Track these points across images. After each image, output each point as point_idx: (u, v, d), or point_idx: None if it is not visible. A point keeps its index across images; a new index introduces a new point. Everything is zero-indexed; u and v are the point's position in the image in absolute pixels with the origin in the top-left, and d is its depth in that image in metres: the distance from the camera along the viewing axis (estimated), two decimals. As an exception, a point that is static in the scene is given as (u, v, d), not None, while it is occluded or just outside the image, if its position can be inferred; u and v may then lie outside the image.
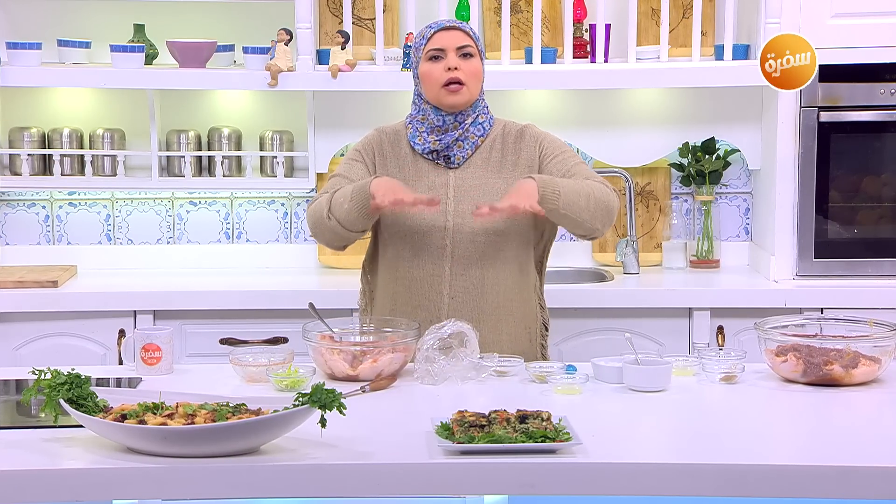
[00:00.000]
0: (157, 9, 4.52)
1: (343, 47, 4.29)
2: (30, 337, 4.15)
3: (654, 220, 4.67)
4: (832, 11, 4.17)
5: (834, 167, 4.26)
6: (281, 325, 4.15)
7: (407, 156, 3.35)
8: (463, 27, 3.31)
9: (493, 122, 3.38)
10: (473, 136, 3.32)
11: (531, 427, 2.50)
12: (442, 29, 3.30)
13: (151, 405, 2.55)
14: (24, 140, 4.49)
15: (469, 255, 3.27)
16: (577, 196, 3.17)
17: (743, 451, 2.53)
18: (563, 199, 3.14)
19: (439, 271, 3.28)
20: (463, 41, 3.28)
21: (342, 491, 2.43)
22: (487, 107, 3.37)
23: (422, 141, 3.33)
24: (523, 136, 3.36)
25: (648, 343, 4.11)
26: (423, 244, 3.28)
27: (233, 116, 4.62)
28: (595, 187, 3.22)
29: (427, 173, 3.33)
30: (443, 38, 3.28)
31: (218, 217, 4.70)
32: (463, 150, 3.32)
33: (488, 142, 3.34)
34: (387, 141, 3.38)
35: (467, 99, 3.28)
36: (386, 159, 3.36)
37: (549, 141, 3.37)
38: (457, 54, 3.27)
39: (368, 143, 3.40)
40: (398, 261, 3.33)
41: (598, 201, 3.20)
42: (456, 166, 3.32)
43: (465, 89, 3.27)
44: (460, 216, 3.28)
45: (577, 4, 4.43)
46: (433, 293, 3.28)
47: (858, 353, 2.99)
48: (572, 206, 3.16)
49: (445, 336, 3.02)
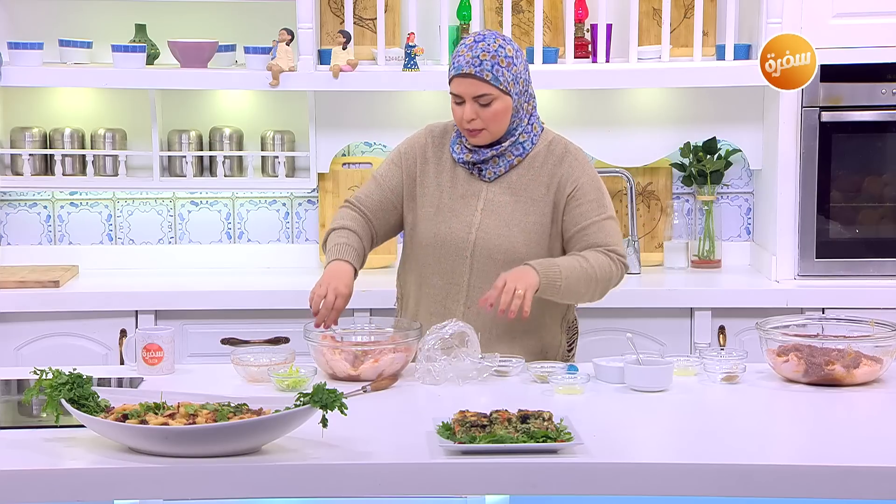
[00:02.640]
0: (159, 9, 4.52)
1: (344, 47, 4.29)
2: (31, 337, 4.15)
3: (655, 220, 4.67)
4: (834, 11, 4.17)
5: (835, 167, 4.26)
6: (282, 325, 4.15)
7: (448, 160, 3.32)
8: (479, 74, 3.16)
9: (538, 139, 3.30)
10: (511, 156, 3.27)
11: (532, 427, 2.50)
12: (458, 76, 3.19)
13: (153, 405, 2.55)
14: (25, 140, 4.49)
15: (487, 269, 3.25)
16: (578, 284, 3.14)
17: (744, 451, 2.53)
18: (563, 291, 3.13)
19: (458, 281, 3.28)
20: (479, 91, 3.16)
21: (343, 491, 2.43)
22: (534, 124, 3.29)
23: (460, 150, 3.29)
24: (562, 163, 3.28)
25: (650, 343, 4.11)
26: (446, 254, 3.28)
27: (234, 116, 4.62)
28: (599, 267, 3.17)
29: (462, 182, 3.30)
30: (460, 85, 3.19)
31: (219, 217, 4.70)
32: (497, 167, 3.27)
33: (527, 161, 3.29)
34: (432, 144, 3.35)
35: (489, 139, 3.23)
36: (427, 164, 3.33)
37: (585, 181, 3.27)
38: (475, 103, 3.19)
39: (412, 148, 3.36)
40: (423, 268, 3.32)
41: (599, 283, 3.18)
42: (489, 181, 3.30)
43: (486, 132, 3.21)
44: (484, 231, 3.26)
45: (578, 4, 4.43)
46: (450, 302, 3.28)
47: (860, 353, 2.99)
48: (570, 294, 3.16)
49: (447, 336, 3.02)
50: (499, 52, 3.18)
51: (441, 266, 3.29)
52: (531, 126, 3.29)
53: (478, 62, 3.17)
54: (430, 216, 3.29)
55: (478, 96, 3.18)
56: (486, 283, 3.22)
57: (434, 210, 3.30)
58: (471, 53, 3.18)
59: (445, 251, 3.28)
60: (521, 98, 3.24)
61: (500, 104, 3.19)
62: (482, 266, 3.26)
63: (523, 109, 3.26)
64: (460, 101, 3.20)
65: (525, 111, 3.27)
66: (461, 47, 3.21)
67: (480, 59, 3.17)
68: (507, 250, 3.25)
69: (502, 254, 3.25)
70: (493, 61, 3.17)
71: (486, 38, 3.20)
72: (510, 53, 3.20)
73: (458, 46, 3.23)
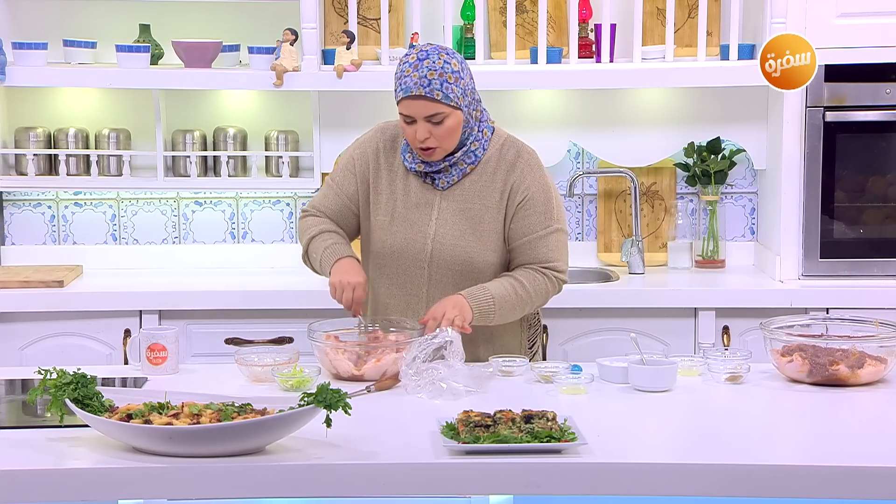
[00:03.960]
0: (163, 9, 4.52)
1: (348, 47, 4.29)
2: (35, 337, 4.15)
3: (659, 220, 4.67)
4: (838, 11, 4.17)
5: (839, 167, 4.25)
6: (286, 324, 4.15)
7: (400, 168, 3.30)
8: (429, 94, 3.09)
9: (489, 144, 3.26)
10: (463, 164, 3.24)
11: (536, 427, 2.50)
12: (408, 97, 3.12)
13: (157, 405, 2.55)
14: (29, 140, 4.50)
15: (445, 279, 3.24)
16: (512, 311, 3.18)
17: (748, 451, 2.53)
18: (497, 319, 3.17)
19: (417, 292, 3.26)
20: (430, 111, 3.11)
21: (347, 491, 2.44)
22: (484, 129, 3.25)
23: (411, 159, 3.26)
24: (514, 168, 3.25)
25: (654, 343, 4.11)
26: (403, 265, 3.26)
27: (238, 116, 4.62)
28: (535, 291, 3.19)
29: (415, 190, 3.27)
30: (410, 106, 3.12)
31: (223, 217, 4.70)
32: (450, 176, 3.25)
33: (479, 167, 3.26)
34: (383, 150, 3.32)
35: (442, 155, 3.21)
36: (380, 171, 3.30)
37: (535, 190, 3.23)
38: (427, 122, 3.14)
39: (365, 154, 3.32)
40: (381, 279, 3.31)
41: (533, 303, 3.23)
42: (442, 189, 3.27)
43: (440, 150, 3.19)
44: (440, 241, 3.24)
45: (582, 4, 4.43)
46: (411, 313, 3.25)
47: (864, 353, 2.99)
48: (501, 320, 3.19)
49: (431, 349, 2.97)
50: (445, 68, 3.12)
51: (399, 277, 3.27)
52: (481, 133, 3.25)
53: (426, 82, 3.10)
54: (385, 225, 3.27)
55: (429, 116, 3.13)
56: (444, 292, 3.22)
57: (388, 219, 3.27)
58: (417, 74, 3.11)
59: (402, 262, 3.27)
60: (471, 108, 3.20)
61: (451, 120, 3.15)
62: (440, 276, 3.25)
63: (472, 118, 3.22)
64: (411, 120, 3.16)
65: (474, 119, 3.23)
66: (405, 66, 3.14)
67: (428, 78, 3.10)
68: (464, 260, 3.23)
69: (459, 263, 3.23)
70: (441, 79, 3.11)
71: (429, 54, 3.13)
72: (456, 68, 3.14)
73: (401, 65, 3.16)
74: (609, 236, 4.67)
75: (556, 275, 3.22)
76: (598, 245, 4.68)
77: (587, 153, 4.66)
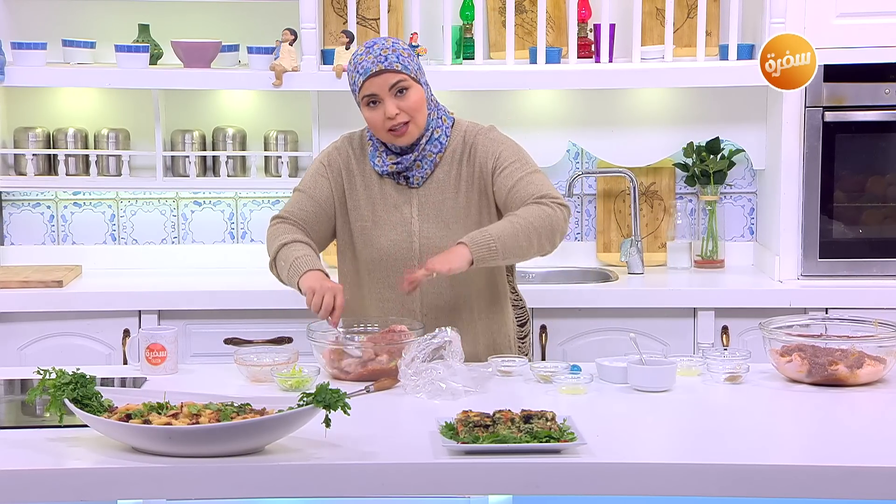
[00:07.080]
0: (162, 9, 4.52)
1: (347, 47, 4.29)
2: (35, 337, 4.15)
3: (658, 220, 4.67)
4: (837, 11, 4.17)
5: (839, 167, 4.26)
6: (285, 324, 4.15)
7: (372, 174, 3.30)
8: (389, 66, 3.15)
9: (451, 132, 3.28)
10: (431, 154, 3.25)
11: (535, 427, 2.50)
12: (370, 76, 3.15)
13: (156, 405, 2.55)
14: (28, 140, 4.50)
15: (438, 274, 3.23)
16: (517, 239, 3.10)
17: (748, 451, 2.53)
18: (502, 252, 3.09)
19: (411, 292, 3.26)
20: (394, 79, 3.15)
21: (347, 491, 2.44)
22: (442, 116, 3.27)
23: (381, 163, 3.26)
24: (477, 147, 3.27)
25: (653, 343, 4.11)
26: (393, 267, 3.26)
27: (237, 116, 4.62)
28: (534, 217, 3.13)
29: (391, 192, 3.28)
30: (373, 84, 3.15)
31: (222, 217, 4.70)
32: (422, 170, 3.25)
33: (448, 155, 3.27)
34: (354, 156, 3.32)
35: (416, 133, 3.20)
36: (354, 177, 3.30)
37: (503, 150, 3.25)
38: (392, 94, 3.16)
39: (336, 160, 3.33)
40: (370, 285, 3.30)
41: (540, 231, 3.13)
42: (417, 186, 3.28)
43: (412, 125, 3.19)
44: (425, 237, 3.25)
45: (581, 4, 4.43)
46: (408, 313, 3.25)
47: (863, 353, 2.99)
48: (513, 252, 3.11)
49: (430, 350, 2.97)
50: (396, 46, 3.20)
51: (391, 280, 3.26)
52: (440, 120, 3.27)
53: (382, 58, 3.16)
54: (368, 230, 3.27)
55: (394, 85, 3.15)
56: (438, 286, 3.22)
57: (371, 224, 3.27)
58: (372, 55, 3.17)
59: (393, 264, 3.26)
60: (427, 89, 3.24)
61: (415, 93, 3.18)
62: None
63: (431, 101, 3.26)
64: (376, 102, 3.17)
65: (433, 102, 3.27)
66: (356, 56, 3.19)
67: (384, 55, 3.16)
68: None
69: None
70: (395, 54, 3.17)
71: (377, 41, 3.21)
72: (406, 47, 3.22)
73: (353, 57, 3.21)
74: (608, 236, 4.67)
75: (552, 200, 3.18)
76: (597, 245, 4.68)
77: (586, 153, 4.66)
